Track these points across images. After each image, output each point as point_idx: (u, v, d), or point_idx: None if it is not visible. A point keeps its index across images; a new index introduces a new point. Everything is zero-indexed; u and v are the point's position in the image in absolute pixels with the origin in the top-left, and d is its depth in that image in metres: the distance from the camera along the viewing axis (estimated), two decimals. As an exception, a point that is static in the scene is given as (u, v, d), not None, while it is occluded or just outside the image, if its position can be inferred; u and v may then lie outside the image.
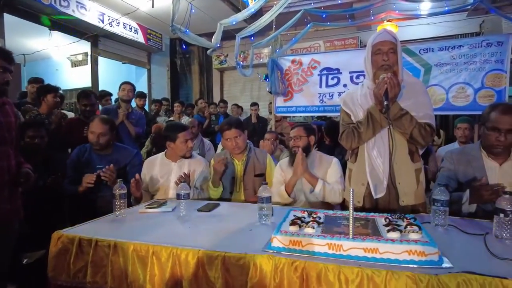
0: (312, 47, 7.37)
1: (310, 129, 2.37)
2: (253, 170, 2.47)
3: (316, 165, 2.28)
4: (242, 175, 2.46)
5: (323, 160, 2.32)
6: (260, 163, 2.51)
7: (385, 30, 1.89)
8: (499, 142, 1.75)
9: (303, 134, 2.31)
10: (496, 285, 0.99)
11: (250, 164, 2.49)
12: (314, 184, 2.17)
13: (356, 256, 1.18)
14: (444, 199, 1.50)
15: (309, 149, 2.32)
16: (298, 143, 2.29)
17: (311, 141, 2.32)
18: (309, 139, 2.31)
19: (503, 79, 4.36)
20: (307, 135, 2.31)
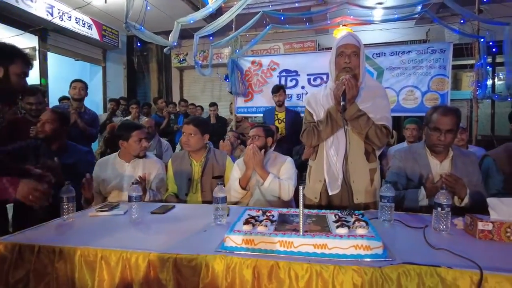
0: (272, 49, 7.46)
1: (269, 130, 2.43)
2: (212, 171, 2.45)
3: (270, 163, 2.32)
4: (200, 176, 2.43)
5: (277, 159, 2.37)
6: (219, 165, 2.49)
7: (350, 33, 1.95)
8: (440, 141, 1.89)
9: (261, 134, 2.35)
10: (431, 273, 1.06)
11: (209, 166, 2.46)
12: (265, 178, 2.19)
13: (306, 252, 1.21)
14: (390, 195, 1.59)
15: (266, 149, 2.36)
16: (255, 143, 2.31)
17: (268, 142, 2.38)
18: (266, 140, 2.36)
19: (446, 84, 4.71)
20: (265, 136, 2.36)
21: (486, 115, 6.90)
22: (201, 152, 2.48)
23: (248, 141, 2.38)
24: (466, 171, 1.92)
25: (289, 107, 4.76)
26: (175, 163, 2.51)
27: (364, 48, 1.89)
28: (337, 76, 1.87)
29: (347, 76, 1.76)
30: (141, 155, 2.41)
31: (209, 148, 2.54)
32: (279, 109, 4.50)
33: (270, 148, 2.43)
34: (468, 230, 1.48)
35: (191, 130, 2.38)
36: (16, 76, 1.63)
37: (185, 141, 2.40)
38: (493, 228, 1.39)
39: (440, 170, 1.94)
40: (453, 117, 1.89)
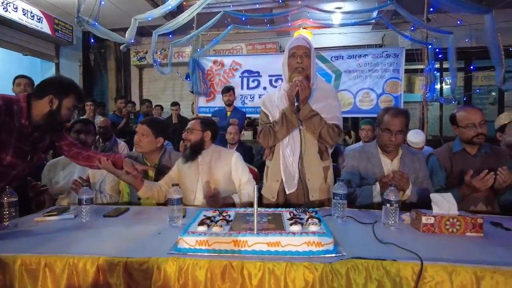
0: (234, 49, 7.46)
1: (208, 124, 2.22)
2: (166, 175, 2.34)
3: (215, 163, 2.14)
4: (153, 179, 2.30)
5: (222, 155, 2.19)
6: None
7: (301, 35, 2.02)
8: (391, 141, 1.99)
9: (198, 128, 2.17)
10: (378, 266, 1.11)
11: (164, 168, 2.34)
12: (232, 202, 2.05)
13: (260, 250, 1.22)
14: (342, 192, 1.64)
15: (202, 145, 2.16)
16: (189, 136, 2.15)
17: (206, 136, 2.16)
18: (203, 134, 2.16)
19: (399, 86, 4.98)
20: (202, 130, 2.16)
21: (435, 117, 7.37)
22: (155, 154, 2.36)
23: (183, 135, 2.22)
24: (413, 168, 2.04)
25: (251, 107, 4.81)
26: None
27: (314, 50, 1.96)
28: (290, 77, 1.91)
29: (300, 77, 1.82)
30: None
31: (164, 150, 2.41)
32: (228, 108, 4.55)
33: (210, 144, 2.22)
34: (414, 224, 1.57)
35: (143, 130, 2.27)
36: (67, 109, 1.75)
37: (137, 141, 2.28)
38: (434, 222, 1.48)
39: (391, 168, 2.05)
40: (402, 118, 1.99)
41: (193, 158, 2.15)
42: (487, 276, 1.09)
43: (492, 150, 2.13)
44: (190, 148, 2.16)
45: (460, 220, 1.48)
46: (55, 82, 1.76)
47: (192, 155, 2.15)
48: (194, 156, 2.15)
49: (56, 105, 1.71)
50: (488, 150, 2.12)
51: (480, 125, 2.02)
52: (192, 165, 2.15)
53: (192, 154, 2.15)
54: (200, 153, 2.16)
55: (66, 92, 1.74)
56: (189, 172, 2.14)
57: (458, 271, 1.10)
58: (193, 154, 2.15)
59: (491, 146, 2.16)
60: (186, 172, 2.16)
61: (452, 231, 1.48)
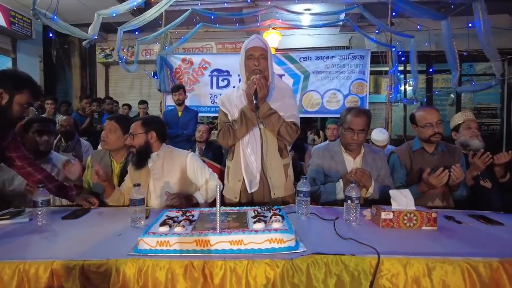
0: (204, 47, 7.39)
1: (151, 122, 2.05)
2: None
3: (168, 167, 2.04)
4: (119, 178, 2.24)
5: (175, 158, 2.07)
6: None
7: (257, 36, 2.00)
8: (353, 140, 2.05)
9: (139, 130, 2.00)
10: (337, 261, 1.14)
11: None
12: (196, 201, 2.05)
13: (222, 249, 1.21)
14: (306, 190, 1.67)
15: (149, 148, 2.02)
16: (132, 142, 2.00)
17: (151, 138, 2.01)
18: (147, 136, 2.01)
19: (365, 87, 5.13)
20: (145, 132, 2.00)
21: (400, 117, 7.68)
22: (123, 152, 2.28)
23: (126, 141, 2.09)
24: (375, 166, 2.11)
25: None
26: (94, 162, 2.31)
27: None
28: (247, 77, 1.92)
29: (258, 76, 1.83)
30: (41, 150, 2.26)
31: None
32: (179, 108, 4.50)
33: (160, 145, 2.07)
34: (374, 220, 1.62)
35: (111, 126, 2.19)
36: (19, 106, 1.64)
37: (104, 137, 2.20)
38: (393, 217, 1.54)
39: (354, 166, 2.11)
40: (364, 118, 2.06)
41: (142, 164, 2.01)
42: (437, 266, 1.15)
43: (448, 148, 2.25)
44: (136, 155, 2.00)
45: (416, 215, 1.55)
46: (7, 75, 1.63)
47: (140, 162, 2.00)
48: (143, 162, 2.01)
49: (6, 100, 1.59)
50: (444, 148, 2.23)
51: (437, 125, 2.13)
52: (142, 171, 2.02)
53: (139, 160, 2.00)
54: (149, 157, 2.02)
55: (20, 87, 1.62)
56: (140, 180, 1.96)
57: (412, 263, 1.15)
58: (141, 160, 2.00)
59: (447, 144, 2.27)
60: (136, 179, 1.99)
61: (409, 225, 1.54)
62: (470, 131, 2.43)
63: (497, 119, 7.71)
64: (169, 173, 2.04)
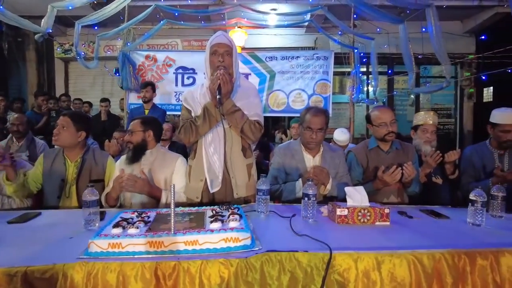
0: (169, 44, 7.23)
1: (149, 122, 2.17)
2: (89, 174, 2.17)
3: (159, 164, 2.12)
4: (74, 178, 2.15)
5: (167, 158, 2.16)
6: (98, 167, 2.20)
7: (222, 33, 1.99)
8: (312, 139, 2.10)
9: (138, 128, 2.11)
10: (290, 258, 1.16)
11: (86, 168, 2.17)
12: (158, 197, 2.00)
13: (177, 250, 1.20)
14: (265, 188, 1.68)
15: (145, 146, 2.12)
16: (130, 139, 2.11)
17: (148, 136, 2.12)
18: (145, 134, 2.12)
19: (328, 88, 5.26)
20: (144, 130, 2.12)
21: (363, 117, 7.94)
22: (77, 151, 2.19)
23: (125, 137, 2.17)
24: (333, 163, 2.17)
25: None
26: (47, 160, 2.18)
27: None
28: (212, 74, 1.89)
29: (222, 71, 1.80)
30: None
31: (88, 148, 2.26)
32: (146, 105, 4.42)
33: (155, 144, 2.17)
34: (331, 216, 1.67)
35: (64, 122, 2.10)
36: None
37: (56, 133, 2.10)
38: (348, 213, 1.59)
39: (313, 164, 2.15)
40: (322, 117, 2.11)
41: (137, 159, 2.10)
42: (386, 260, 1.20)
43: (402, 146, 2.35)
44: (132, 150, 2.11)
45: (370, 211, 1.61)
46: None
47: (135, 157, 2.10)
48: (138, 157, 2.11)
49: None
50: (399, 146, 2.33)
51: (391, 124, 2.22)
52: (134, 166, 2.08)
53: (135, 155, 2.11)
54: (144, 153, 2.12)
55: None
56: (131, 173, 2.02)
57: (362, 258, 1.20)
58: (136, 155, 2.11)
59: (401, 142, 2.38)
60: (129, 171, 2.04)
61: (363, 221, 1.60)
62: (425, 136, 2.51)
63: (451, 119, 8.19)
64: (157, 171, 2.09)
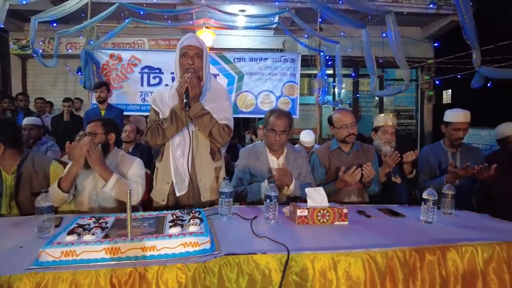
0: (135, 43, 7.06)
1: (112, 125, 2.09)
2: (30, 185, 1.93)
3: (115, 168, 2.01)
4: (12, 192, 1.91)
5: (125, 160, 2.08)
6: (39, 176, 1.96)
7: (193, 35, 1.97)
8: (276, 141, 2.12)
9: (100, 131, 2.01)
10: (248, 261, 1.17)
11: (25, 178, 1.93)
12: (107, 178, 1.87)
13: (134, 256, 1.17)
14: (228, 191, 1.68)
15: (107, 148, 2.03)
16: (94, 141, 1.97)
17: (110, 139, 2.04)
18: (108, 136, 2.03)
19: (296, 90, 5.35)
20: (106, 132, 2.02)
21: (329, 118, 8.14)
22: (13, 160, 1.94)
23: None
24: (296, 165, 2.22)
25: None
26: None
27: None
28: (181, 76, 1.88)
29: (189, 74, 1.79)
30: None
31: (26, 155, 2.00)
32: (101, 106, 4.29)
33: (113, 147, 2.09)
34: (292, 217, 1.70)
35: None
36: None
37: None
38: (308, 214, 1.63)
39: (277, 165, 2.19)
40: (285, 119, 2.14)
41: None
42: (342, 259, 1.25)
43: (362, 147, 2.44)
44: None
45: (329, 211, 1.66)
46: None
47: None
48: None
49: None
50: (359, 147, 2.42)
51: (351, 126, 2.30)
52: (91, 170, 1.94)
53: None
54: (105, 156, 1.99)
55: None
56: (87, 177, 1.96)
57: (319, 258, 1.23)
58: None
59: (361, 144, 2.47)
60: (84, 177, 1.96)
61: (323, 221, 1.65)
62: (385, 136, 2.61)
63: (413, 120, 8.60)
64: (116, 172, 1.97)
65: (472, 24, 2.67)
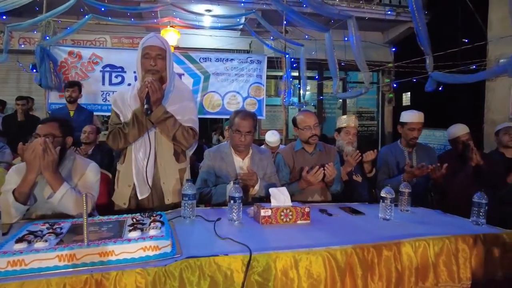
0: (97, 40, 6.78)
1: (69, 126, 1.89)
2: None
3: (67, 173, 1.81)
4: None
5: (78, 165, 1.87)
6: None
7: (155, 34, 1.92)
8: (241, 141, 2.13)
9: (58, 133, 1.79)
10: (210, 263, 1.17)
11: None
12: (56, 188, 1.65)
13: (91, 262, 1.12)
14: (191, 193, 1.66)
15: (64, 153, 1.82)
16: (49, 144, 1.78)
17: (68, 142, 1.86)
18: (66, 140, 1.83)
19: (262, 91, 5.39)
20: (63, 135, 1.81)
21: (296, 119, 8.28)
22: None
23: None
24: (262, 165, 2.24)
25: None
26: None
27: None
28: (143, 77, 1.82)
29: (150, 78, 1.74)
30: None
31: None
32: (71, 106, 4.08)
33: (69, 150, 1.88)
34: (256, 217, 1.71)
35: None
36: None
37: None
38: (271, 214, 1.65)
39: (243, 166, 2.19)
40: (250, 120, 2.15)
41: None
42: (303, 257, 1.27)
43: (325, 148, 2.51)
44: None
45: (292, 210, 1.68)
46: None
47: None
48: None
49: None
50: (322, 148, 2.48)
51: (314, 127, 2.36)
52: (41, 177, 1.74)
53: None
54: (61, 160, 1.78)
55: None
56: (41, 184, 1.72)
57: (281, 257, 1.25)
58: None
59: (324, 144, 2.54)
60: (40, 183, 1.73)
61: (286, 220, 1.67)
62: (347, 137, 2.69)
63: (374, 121, 8.96)
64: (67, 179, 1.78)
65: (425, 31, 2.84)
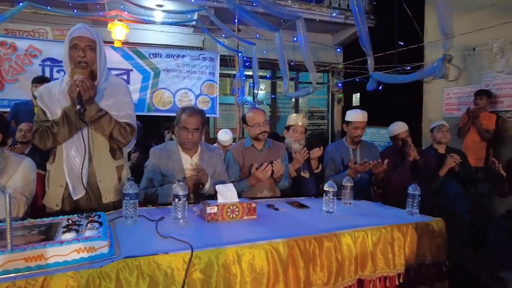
0: (36, 32, 6.24)
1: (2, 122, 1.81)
2: None
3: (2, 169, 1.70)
4: None
5: (10, 163, 1.74)
6: None
7: (84, 25, 1.81)
8: (188, 139, 2.09)
9: None
10: (149, 262, 1.14)
11: None
12: None
13: (15, 269, 1.04)
14: (132, 192, 1.59)
15: None
16: None
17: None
18: None
19: (215, 89, 5.36)
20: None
21: (250, 117, 8.33)
22: None
23: None
24: (211, 163, 2.22)
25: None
26: None
27: (101, 42, 1.80)
28: (72, 71, 1.70)
29: (80, 77, 1.62)
30: None
31: None
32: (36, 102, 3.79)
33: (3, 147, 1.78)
34: (202, 215, 1.70)
35: None
36: None
37: None
38: (217, 211, 1.65)
39: (190, 164, 2.15)
40: (198, 117, 2.12)
41: None
42: (246, 252, 1.29)
43: (274, 145, 2.56)
44: None
45: (238, 206, 1.70)
46: None
47: None
48: None
49: None
50: (271, 145, 2.53)
51: (263, 124, 2.39)
52: None
53: None
54: None
55: None
56: None
57: (223, 252, 1.25)
58: None
59: (273, 141, 2.59)
60: None
61: (232, 216, 1.68)
62: (295, 135, 2.78)
63: (324, 120, 9.29)
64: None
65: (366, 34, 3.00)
